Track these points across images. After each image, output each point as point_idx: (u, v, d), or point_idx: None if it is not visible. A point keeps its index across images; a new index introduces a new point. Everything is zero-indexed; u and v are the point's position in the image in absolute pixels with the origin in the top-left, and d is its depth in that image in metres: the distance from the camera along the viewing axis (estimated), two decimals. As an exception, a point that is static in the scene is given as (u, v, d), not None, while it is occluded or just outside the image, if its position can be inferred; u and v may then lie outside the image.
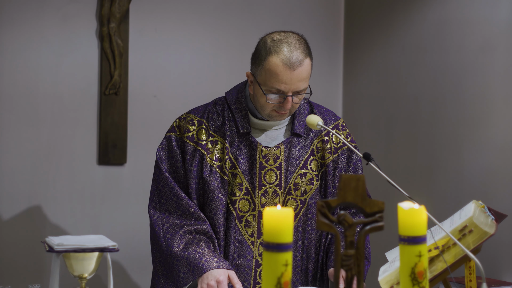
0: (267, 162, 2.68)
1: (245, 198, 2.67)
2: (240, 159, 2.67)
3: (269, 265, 1.59)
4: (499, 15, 3.20)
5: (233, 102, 2.72)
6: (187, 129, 2.72)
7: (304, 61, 2.57)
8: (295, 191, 2.70)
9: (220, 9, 3.88)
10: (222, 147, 2.69)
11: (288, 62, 2.55)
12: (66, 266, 2.32)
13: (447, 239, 2.36)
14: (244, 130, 2.68)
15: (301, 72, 2.57)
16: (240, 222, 2.67)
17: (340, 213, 1.69)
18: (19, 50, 3.50)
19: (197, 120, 2.73)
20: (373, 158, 2.48)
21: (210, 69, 3.85)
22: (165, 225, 2.67)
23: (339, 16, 4.12)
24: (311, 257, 2.74)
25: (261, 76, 2.61)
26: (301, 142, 2.73)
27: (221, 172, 2.67)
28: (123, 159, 3.68)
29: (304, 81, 2.59)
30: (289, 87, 2.57)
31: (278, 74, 2.56)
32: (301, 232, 2.72)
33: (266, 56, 2.58)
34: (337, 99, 4.13)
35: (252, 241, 2.67)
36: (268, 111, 2.64)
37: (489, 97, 3.24)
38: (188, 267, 2.56)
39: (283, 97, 2.58)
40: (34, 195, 3.54)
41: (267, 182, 2.68)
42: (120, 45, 3.61)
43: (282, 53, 2.56)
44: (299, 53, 2.57)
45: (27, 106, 3.52)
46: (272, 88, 2.58)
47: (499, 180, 3.17)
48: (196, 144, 2.70)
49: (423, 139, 3.58)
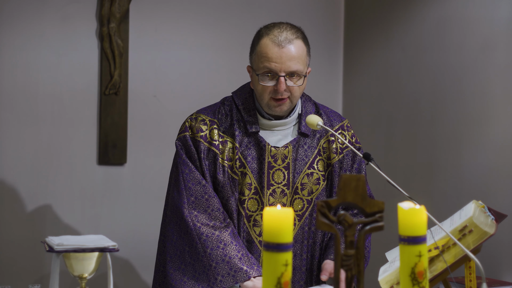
0: (276, 162, 2.69)
1: (253, 197, 2.68)
2: (250, 159, 2.68)
3: (269, 265, 1.59)
4: (499, 14, 3.20)
5: (241, 102, 2.73)
6: (200, 129, 2.72)
7: (294, 41, 2.61)
8: (301, 190, 2.70)
9: (220, 9, 3.88)
10: (232, 147, 2.69)
11: (276, 40, 2.60)
12: (66, 266, 2.32)
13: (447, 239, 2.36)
14: (253, 129, 2.69)
15: (291, 50, 2.60)
16: (248, 221, 2.68)
17: (340, 213, 1.69)
18: (19, 50, 3.50)
19: (209, 120, 2.73)
20: (373, 158, 2.48)
21: (210, 69, 3.85)
22: (197, 225, 2.61)
23: (339, 15, 4.12)
24: (315, 257, 2.74)
25: (255, 62, 2.66)
26: (308, 142, 2.74)
27: (231, 172, 2.68)
28: (123, 159, 3.68)
29: (295, 61, 2.60)
30: (279, 66, 2.59)
31: (268, 53, 2.60)
32: (307, 232, 2.72)
33: (258, 40, 2.65)
34: (337, 98, 4.13)
35: (259, 241, 2.68)
36: (267, 100, 2.64)
37: (489, 96, 3.24)
38: (228, 271, 2.55)
39: (276, 78, 2.60)
40: (34, 195, 3.54)
41: (275, 182, 2.68)
42: (120, 45, 3.61)
43: (272, 34, 2.62)
44: (289, 33, 2.62)
45: (27, 106, 3.52)
46: (264, 69, 2.61)
47: (499, 180, 3.17)
48: (209, 144, 2.70)
49: (423, 138, 3.58)
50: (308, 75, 2.70)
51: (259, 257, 2.68)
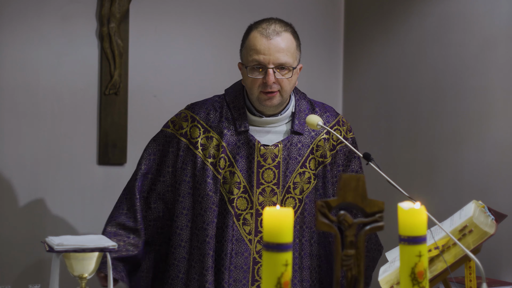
0: (265, 161, 2.69)
1: (242, 196, 2.69)
2: (238, 158, 2.69)
3: (269, 265, 1.59)
4: (500, 11, 3.19)
5: (232, 100, 2.75)
6: (181, 126, 2.77)
7: (282, 33, 2.64)
8: (294, 189, 2.71)
9: (220, 9, 3.88)
10: (218, 144, 2.71)
11: (264, 32, 2.63)
12: (66, 266, 2.31)
13: (447, 239, 2.36)
14: (242, 128, 2.70)
15: (279, 42, 2.62)
16: (238, 220, 2.68)
17: (340, 213, 1.69)
18: (19, 50, 3.50)
19: (191, 116, 2.77)
20: (373, 158, 2.48)
21: (210, 69, 3.85)
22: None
23: (339, 13, 4.12)
24: (306, 254, 2.74)
25: (244, 56, 2.69)
26: (302, 140, 2.74)
27: (213, 170, 2.69)
28: (123, 159, 3.68)
29: (284, 53, 2.62)
30: (268, 58, 2.61)
31: (256, 45, 2.62)
32: (298, 230, 2.73)
33: (247, 35, 2.68)
34: (337, 96, 4.13)
35: (249, 239, 2.69)
36: (257, 94, 2.66)
37: (490, 94, 3.24)
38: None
39: (265, 71, 2.61)
40: (34, 195, 3.54)
41: (265, 181, 2.69)
42: (120, 45, 3.61)
43: (260, 27, 2.66)
44: (277, 26, 2.66)
45: (27, 106, 3.52)
46: (253, 62, 2.63)
47: (500, 179, 3.17)
48: (189, 141, 2.74)
49: (424, 137, 3.58)
50: (300, 71, 2.73)
51: (250, 255, 2.68)
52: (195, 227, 2.72)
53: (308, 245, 2.74)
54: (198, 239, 2.70)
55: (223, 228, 2.68)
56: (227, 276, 2.65)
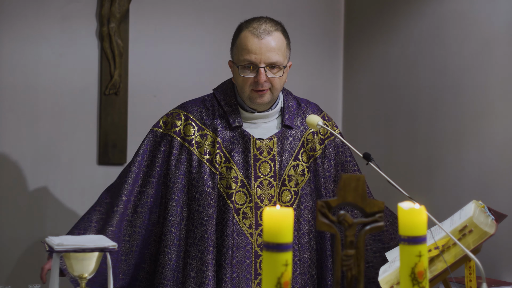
0: (261, 154, 2.73)
1: (241, 190, 2.71)
2: (234, 153, 2.71)
3: (269, 265, 1.59)
4: (499, 11, 3.19)
5: (222, 98, 2.79)
6: (174, 124, 2.78)
7: (273, 32, 2.68)
8: (289, 182, 2.74)
9: (220, 9, 3.88)
10: (213, 141, 2.73)
11: (256, 32, 2.67)
12: (66, 266, 2.31)
13: (447, 239, 2.36)
14: (236, 124, 2.74)
15: (270, 41, 2.66)
16: (237, 214, 2.70)
17: (340, 213, 1.69)
18: (19, 49, 3.50)
19: (184, 115, 2.79)
20: (373, 158, 2.48)
21: (210, 69, 3.85)
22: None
23: (339, 13, 4.12)
24: (305, 248, 2.75)
25: (235, 55, 2.74)
26: (293, 134, 2.78)
27: (210, 166, 2.71)
28: (123, 159, 3.68)
29: (275, 53, 2.66)
30: (259, 57, 2.64)
31: (247, 44, 2.66)
32: (296, 223, 2.75)
33: (238, 34, 2.73)
34: (337, 96, 4.13)
35: (250, 233, 2.70)
36: (248, 92, 2.70)
37: (489, 94, 3.24)
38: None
39: (256, 69, 2.64)
40: (34, 195, 3.53)
41: (262, 174, 2.72)
42: (120, 45, 3.61)
43: (251, 26, 2.70)
44: (268, 26, 2.69)
45: (27, 106, 3.52)
46: (244, 61, 2.67)
47: (499, 179, 3.17)
48: (183, 139, 2.75)
49: (423, 136, 3.57)
50: (290, 68, 2.75)
51: (251, 249, 2.69)
52: (192, 224, 2.72)
53: (307, 239, 2.75)
54: (195, 235, 2.71)
55: (223, 224, 2.69)
56: (230, 271, 2.66)
